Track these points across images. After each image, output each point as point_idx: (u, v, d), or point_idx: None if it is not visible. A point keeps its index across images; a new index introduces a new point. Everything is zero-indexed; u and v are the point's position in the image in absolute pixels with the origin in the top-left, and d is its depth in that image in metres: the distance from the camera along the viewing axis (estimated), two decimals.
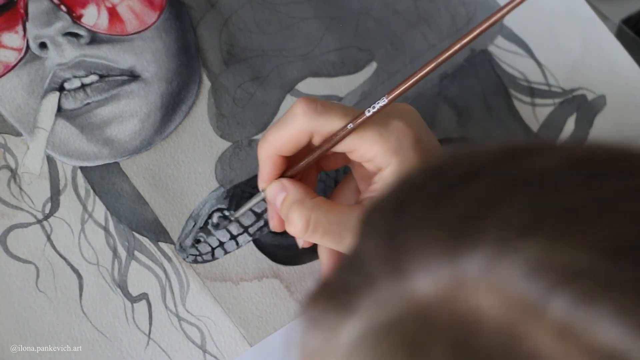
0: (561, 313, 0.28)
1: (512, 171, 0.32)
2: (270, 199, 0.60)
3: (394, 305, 0.30)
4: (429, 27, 0.72)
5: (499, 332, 0.28)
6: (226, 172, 0.67)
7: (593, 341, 0.27)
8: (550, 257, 0.28)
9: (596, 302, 0.27)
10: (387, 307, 0.30)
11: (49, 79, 0.66)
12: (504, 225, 0.29)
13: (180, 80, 0.68)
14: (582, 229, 0.29)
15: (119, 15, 0.68)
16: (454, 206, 0.31)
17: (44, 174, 0.65)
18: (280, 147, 0.58)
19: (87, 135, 0.66)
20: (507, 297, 0.28)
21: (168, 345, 0.64)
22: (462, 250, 0.29)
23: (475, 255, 0.29)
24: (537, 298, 0.28)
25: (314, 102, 0.57)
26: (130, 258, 0.65)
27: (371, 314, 0.31)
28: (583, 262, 0.28)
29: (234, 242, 0.66)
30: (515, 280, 0.28)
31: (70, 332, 0.63)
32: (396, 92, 0.56)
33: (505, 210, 0.30)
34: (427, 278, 0.30)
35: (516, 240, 0.29)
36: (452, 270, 0.29)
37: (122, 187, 0.66)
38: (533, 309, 0.28)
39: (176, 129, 0.68)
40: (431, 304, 0.30)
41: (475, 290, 0.29)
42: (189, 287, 0.65)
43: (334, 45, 0.71)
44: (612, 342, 0.27)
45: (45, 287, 0.64)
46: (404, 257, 0.31)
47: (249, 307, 0.65)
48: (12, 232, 0.64)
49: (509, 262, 0.29)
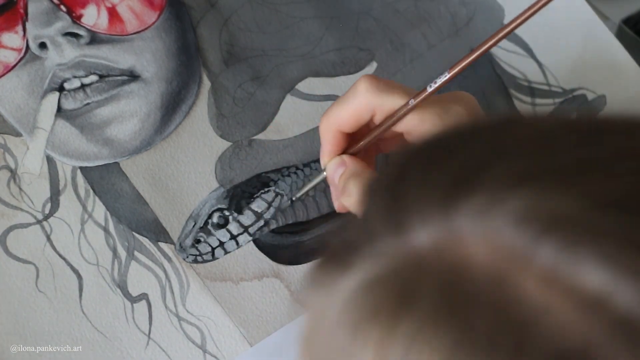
0: (547, 260, 0.28)
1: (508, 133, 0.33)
2: (330, 174, 0.60)
3: (390, 257, 0.31)
4: (429, 27, 0.72)
5: (487, 278, 0.29)
6: (226, 172, 0.67)
7: (577, 285, 0.28)
8: (538, 205, 0.29)
9: (581, 248, 0.28)
10: (383, 260, 0.32)
11: (48, 79, 0.66)
12: (496, 180, 0.30)
13: (180, 80, 0.68)
14: (572, 181, 0.30)
15: (119, 15, 0.68)
16: (451, 165, 0.32)
17: (44, 174, 0.65)
18: (341, 123, 0.58)
19: (87, 136, 0.66)
20: (496, 246, 0.29)
21: (168, 345, 0.64)
22: (455, 203, 0.30)
23: (467, 206, 0.30)
24: (524, 246, 0.29)
25: (376, 79, 0.58)
26: (130, 258, 0.65)
27: (367, 267, 0.32)
28: (570, 210, 0.29)
29: (234, 242, 0.66)
30: (503, 229, 0.29)
31: (70, 332, 0.63)
32: (458, 68, 0.55)
33: (498, 167, 0.31)
34: (423, 230, 0.31)
35: (506, 192, 0.30)
36: (446, 222, 0.30)
37: (122, 187, 0.66)
38: (520, 256, 0.29)
39: (176, 129, 0.68)
40: (424, 254, 0.31)
41: (465, 240, 0.30)
42: (189, 287, 0.65)
43: (334, 45, 0.71)
44: (595, 285, 0.28)
45: (45, 287, 0.64)
46: (403, 212, 0.32)
47: (249, 307, 0.65)
48: (11, 232, 0.64)
49: (497, 212, 0.30)
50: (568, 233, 0.29)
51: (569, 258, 0.28)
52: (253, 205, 0.67)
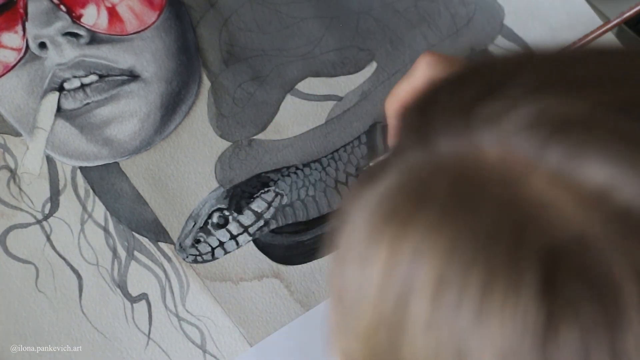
0: (554, 160, 0.30)
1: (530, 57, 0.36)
2: None
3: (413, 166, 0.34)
4: (429, 27, 0.72)
5: (495, 178, 0.31)
6: (226, 172, 0.67)
7: (581, 181, 0.30)
8: (549, 110, 0.31)
9: (588, 147, 0.30)
10: (407, 169, 0.34)
11: (48, 79, 0.66)
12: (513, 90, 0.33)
13: (180, 80, 0.68)
14: (585, 90, 0.32)
15: (119, 15, 0.68)
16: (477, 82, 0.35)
17: (44, 174, 0.65)
18: (405, 100, 0.59)
19: (86, 136, 0.66)
20: (507, 149, 0.31)
21: (168, 345, 0.64)
22: (475, 110, 0.33)
23: (485, 112, 0.32)
24: (533, 148, 0.31)
25: (436, 54, 0.59)
26: (130, 258, 0.65)
27: (392, 176, 0.34)
28: (580, 114, 0.31)
29: (234, 242, 0.66)
30: (515, 133, 0.31)
31: (70, 332, 0.63)
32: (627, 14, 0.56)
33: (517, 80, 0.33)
34: (444, 138, 0.33)
35: (521, 99, 0.32)
36: (465, 128, 0.33)
37: (122, 187, 0.66)
38: (529, 158, 0.31)
39: (176, 129, 0.67)
40: (443, 160, 0.33)
41: (480, 144, 0.32)
42: (189, 287, 0.65)
43: (334, 45, 0.71)
44: (598, 181, 0.29)
45: (45, 288, 0.64)
46: (429, 125, 0.34)
47: (249, 307, 0.65)
48: (11, 232, 0.64)
49: (511, 117, 0.32)
50: (576, 134, 0.30)
51: (575, 157, 0.30)
52: (253, 205, 0.67)
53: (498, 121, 0.32)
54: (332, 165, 0.67)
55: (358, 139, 0.67)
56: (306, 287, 0.66)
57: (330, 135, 0.69)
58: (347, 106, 0.69)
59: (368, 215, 0.34)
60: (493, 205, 0.31)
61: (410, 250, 0.32)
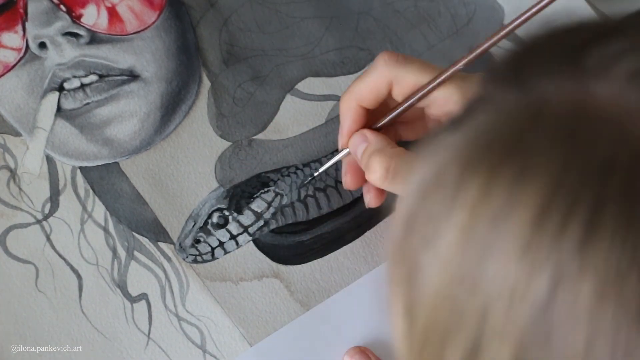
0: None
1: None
2: (352, 150, 0.60)
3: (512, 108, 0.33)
4: (429, 27, 0.72)
5: (610, 118, 0.31)
6: (226, 171, 0.67)
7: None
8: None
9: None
10: (503, 111, 0.33)
11: (48, 79, 0.66)
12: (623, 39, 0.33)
13: (180, 80, 0.68)
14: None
15: (119, 15, 0.68)
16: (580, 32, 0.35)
17: (44, 174, 0.65)
18: (361, 97, 0.59)
19: (86, 135, 0.66)
20: (621, 94, 0.31)
21: (168, 345, 0.64)
22: (584, 55, 0.33)
23: (594, 57, 0.32)
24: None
25: (394, 54, 0.59)
26: (129, 258, 0.65)
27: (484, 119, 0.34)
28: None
29: (234, 242, 0.66)
30: (628, 78, 0.31)
31: (70, 332, 0.63)
32: (487, 44, 0.56)
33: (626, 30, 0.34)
34: (549, 82, 0.33)
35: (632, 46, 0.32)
36: (573, 72, 0.33)
37: (122, 187, 0.66)
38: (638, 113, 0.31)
39: (176, 129, 0.67)
40: (549, 100, 0.32)
41: (591, 87, 0.32)
42: (189, 287, 0.65)
43: (334, 45, 0.71)
44: None
45: (45, 288, 0.64)
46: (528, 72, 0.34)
47: (249, 307, 0.65)
48: (11, 232, 0.64)
49: (623, 63, 0.32)
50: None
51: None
52: (253, 205, 0.66)
53: (610, 67, 0.32)
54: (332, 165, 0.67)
55: None
56: (306, 287, 0.66)
57: (330, 135, 0.69)
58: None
59: (458, 151, 0.33)
60: (608, 139, 0.31)
61: (513, 174, 0.31)
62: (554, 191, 0.30)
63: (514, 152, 0.32)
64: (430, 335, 0.33)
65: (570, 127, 0.31)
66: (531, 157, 0.31)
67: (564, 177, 0.30)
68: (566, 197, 0.30)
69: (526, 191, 0.31)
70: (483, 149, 0.33)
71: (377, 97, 0.59)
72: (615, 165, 0.30)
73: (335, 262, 0.67)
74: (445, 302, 0.33)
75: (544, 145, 0.31)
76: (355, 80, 0.60)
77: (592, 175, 0.30)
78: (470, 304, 0.32)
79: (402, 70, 0.58)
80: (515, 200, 0.31)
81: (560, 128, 0.32)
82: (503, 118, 0.33)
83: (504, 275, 0.31)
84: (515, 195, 0.31)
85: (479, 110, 0.35)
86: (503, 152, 0.32)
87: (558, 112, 0.32)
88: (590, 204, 0.30)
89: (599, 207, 0.30)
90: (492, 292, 0.31)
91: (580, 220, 0.30)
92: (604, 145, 0.31)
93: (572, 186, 0.30)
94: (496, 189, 0.31)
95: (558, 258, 0.30)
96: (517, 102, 0.33)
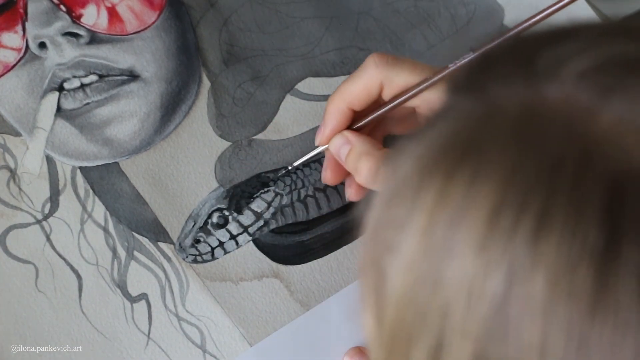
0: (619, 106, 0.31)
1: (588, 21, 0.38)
2: (334, 151, 0.60)
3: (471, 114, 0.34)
4: (429, 27, 0.72)
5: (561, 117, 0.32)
6: (226, 171, 0.67)
7: None
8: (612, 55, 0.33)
9: None
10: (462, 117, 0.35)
11: (48, 79, 0.66)
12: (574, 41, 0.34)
13: (180, 80, 0.68)
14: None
15: (119, 15, 0.68)
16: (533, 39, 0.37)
17: (44, 174, 0.65)
18: (351, 99, 0.59)
19: (86, 135, 0.66)
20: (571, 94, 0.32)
21: (168, 345, 0.64)
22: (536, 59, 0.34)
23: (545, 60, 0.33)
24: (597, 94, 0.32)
25: (385, 55, 0.59)
26: (129, 258, 0.65)
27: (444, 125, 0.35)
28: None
29: (234, 242, 0.66)
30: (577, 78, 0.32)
31: (70, 332, 0.63)
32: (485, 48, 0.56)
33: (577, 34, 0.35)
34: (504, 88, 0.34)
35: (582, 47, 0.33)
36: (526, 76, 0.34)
37: (122, 187, 0.66)
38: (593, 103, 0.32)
39: (176, 129, 0.67)
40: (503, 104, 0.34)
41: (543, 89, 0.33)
42: (189, 287, 0.65)
43: (334, 45, 0.71)
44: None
45: (45, 288, 0.64)
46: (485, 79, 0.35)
47: (249, 307, 0.65)
48: (11, 232, 0.64)
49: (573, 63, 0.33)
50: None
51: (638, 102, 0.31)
52: (253, 205, 0.67)
53: (560, 68, 0.33)
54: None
55: None
56: (306, 287, 0.66)
57: None
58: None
59: (417, 159, 0.35)
60: (557, 138, 0.32)
61: (467, 176, 0.32)
62: (506, 189, 0.31)
63: (468, 155, 0.33)
64: (397, 337, 0.34)
65: (521, 127, 0.32)
66: (484, 159, 0.32)
67: (515, 176, 0.31)
68: (517, 194, 0.31)
69: (480, 191, 0.32)
70: (440, 155, 0.34)
71: (368, 99, 0.59)
72: (564, 162, 0.31)
73: (335, 262, 0.67)
74: (409, 304, 0.34)
75: (495, 147, 0.32)
76: (344, 82, 0.60)
77: (542, 172, 0.31)
78: (432, 304, 0.33)
79: (392, 71, 0.58)
80: (470, 201, 0.32)
81: (512, 129, 0.33)
82: (459, 124, 0.34)
83: (462, 274, 0.32)
84: (470, 196, 0.32)
85: (438, 119, 0.36)
86: (458, 156, 0.33)
87: (510, 114, 0.33)
88: (541, 199, 0.31)
89: (549, 202, 0.30)
90: (451, 291, 0.32)
91: (532, 215, 0.31)
92: (554, 143, 0.31)
93: (523, 184, 0.31)
94: (452, 192, 0.32)
95: (512, 254, 0.31)
96: (472, 108, 0.35)
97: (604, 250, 0.29)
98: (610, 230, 0.29)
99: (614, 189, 0.30)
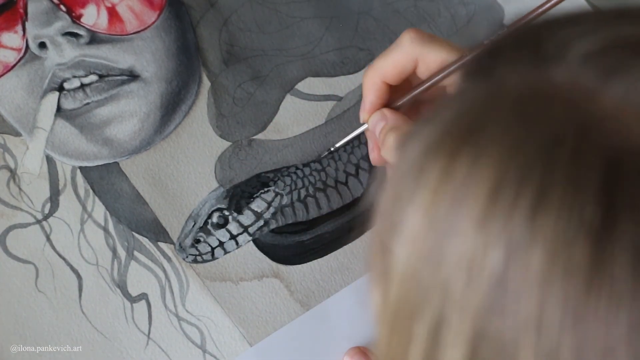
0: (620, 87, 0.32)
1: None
2: (371, 127, 0.61)
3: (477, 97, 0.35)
4: (429, 27, 0.72)
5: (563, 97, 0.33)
6: (226, 171, 0.67)
7: None
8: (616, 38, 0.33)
9: None
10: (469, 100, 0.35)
11: (48, 79, 0.66)
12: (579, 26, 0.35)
13: (180, 80, 0.68)
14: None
15: (119, 15, 0.68)
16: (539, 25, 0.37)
17: (44, 174, 0.65)
18: (386, 74, 0.59)
19: (86, 135, 0.66)
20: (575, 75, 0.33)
21: (168, 345, 0.64)
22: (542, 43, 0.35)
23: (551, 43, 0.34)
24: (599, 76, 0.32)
25: (420, 31, 0.59)
26: (129, 258, 0.65)
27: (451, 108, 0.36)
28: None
29: (234, 241, 0.66)
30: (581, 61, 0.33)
31: (70, 332, 0.63)
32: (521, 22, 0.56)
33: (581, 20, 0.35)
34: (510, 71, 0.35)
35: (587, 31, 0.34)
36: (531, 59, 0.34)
37: (122, 187, 0.66)
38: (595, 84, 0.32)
39: (176, 129, 0.67)
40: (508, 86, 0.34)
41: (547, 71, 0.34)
42: (189, 287, 0.65)
43: (334, 45, 0.71)
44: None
45: (45, 287, 0.64)
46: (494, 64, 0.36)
47: (249, 307, 0.65)
48: (11, 232, 0.64)
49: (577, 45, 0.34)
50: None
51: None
52: (253, 205, 0.67)
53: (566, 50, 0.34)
54: (332, 165, 0.67)
55: (358, 138, 0.67)
56: (306, 287, 0.66)
57: (330, 135, 0.69)
58: (347, 106, 0.69)
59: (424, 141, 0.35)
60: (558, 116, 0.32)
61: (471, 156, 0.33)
62: (507, 167, 0.32)
63: (472, 135, 0.34)
64: (400, 312, 0.35)
65: (524, 106, 0.33)
66: (487, 138, 0.33)
67: (516, 153, 0.32)
68: (517, 171, 0.32)
69: (481, 170, 0.32)
70: (445, 135, 0.35)
71: (402, 74, 0.59)
72: (563, 139, 0.31)
73: (335, 262, 0.67)
74: (412, 280, 0.34)
75: (498, 126, 0.33)
76: (379, 57, 0.60)
77: (541, 149, 0.32)
78: (434, 280, 0.33)
79: (427, 48, 0.58)
80: (473, 178, 0.33)
81: (514, 109, 0.33)
82: (465, 106, 0.35)
83: (462, 250, 0.32)
84: (472, 174, 0.33)
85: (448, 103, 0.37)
86: (463, 136, 0.34)
87: (514, 94, 0.34)
88: (539, 176, 0.31)
89: (548, 178, 0.31)
90: (452, 267, 0.33)
91: (530, 192, 0.31)
92: (554, 121, 0.32)
93: (522, 161, 0.32)
94: (456, 171, 0.33)
95: (511, 229, 0.31)
96: (479, 90, 0.35)
97: (600, 226, 0.30)
98: (606, 206, 0.30)
99: (611, 165, 0.31)
